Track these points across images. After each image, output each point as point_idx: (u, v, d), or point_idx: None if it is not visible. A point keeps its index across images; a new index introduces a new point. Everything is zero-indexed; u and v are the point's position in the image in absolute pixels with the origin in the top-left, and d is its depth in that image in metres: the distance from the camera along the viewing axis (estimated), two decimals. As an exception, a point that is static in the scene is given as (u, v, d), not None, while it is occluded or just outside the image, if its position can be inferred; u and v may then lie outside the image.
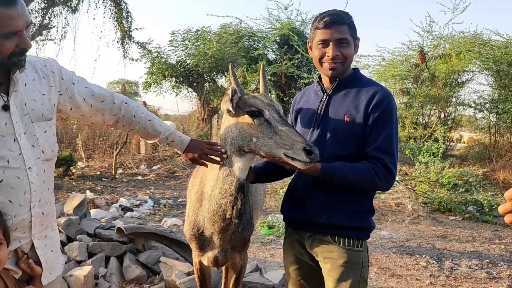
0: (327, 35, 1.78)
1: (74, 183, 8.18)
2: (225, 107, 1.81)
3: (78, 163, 9.82)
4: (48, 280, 1.56)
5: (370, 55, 16.76)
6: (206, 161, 1.89)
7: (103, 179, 8.98)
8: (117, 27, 9.68)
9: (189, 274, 3.56)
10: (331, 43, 1.78)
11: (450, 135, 13.88)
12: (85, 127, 11.93)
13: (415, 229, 5.88)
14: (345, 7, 12.91)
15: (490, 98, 12.93)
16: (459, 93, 13.45)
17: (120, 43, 9.92)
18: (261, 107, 1.73)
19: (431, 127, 12.42)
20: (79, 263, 3.69)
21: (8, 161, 1.39)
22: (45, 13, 9.45)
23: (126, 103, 1.79)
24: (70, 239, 3.91)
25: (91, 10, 9.74)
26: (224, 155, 1.82)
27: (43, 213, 1.51)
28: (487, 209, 6.48)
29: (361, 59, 13.30)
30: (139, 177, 9.39)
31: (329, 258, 1.80)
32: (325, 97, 1.88)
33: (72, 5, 9.50)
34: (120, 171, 9.74)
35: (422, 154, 7.54)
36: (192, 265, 3.26)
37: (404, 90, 13.35)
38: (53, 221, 1.61)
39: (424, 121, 13.52)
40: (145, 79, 12.83)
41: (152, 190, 8.22)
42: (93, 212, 5.46)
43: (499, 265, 4.46)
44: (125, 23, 9.69)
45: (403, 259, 4.61)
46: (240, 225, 1.97)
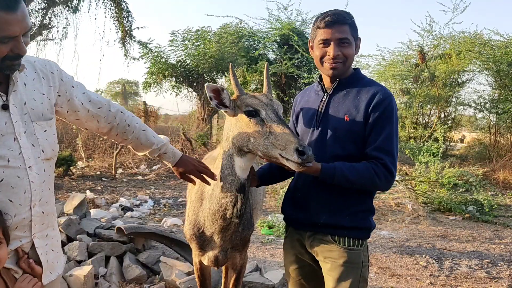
0: (328, 34, 1.78)
1: (74, 183, 8.18)
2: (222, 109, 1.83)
3: (78, 163, 9.82)
4: (48, 279, 1.55)
5: (370, 55, 16.74)
6: (195, 178, 1.90)
7: (103, 179, 8.98)
8: (117, 26, 9.69)
9: (189, 274, 3.57)
10: (332, 43, 1.78)
11: (450, 135, 13.88)
12: (85, 127, 11.94)
13: (415, 229, 5.88)
14: (346, 7, 12.93)
15: (490, 98, 12.94)
16: (459, 93, 13.46)
17: (121, 43, 9.93)
18: (258, 107, 1.72)
19: (431, 127, 12.41)
20: (79, 263, 3.69)
21: (8, 160, 1.39)
22: (45, 13, 9.45)
23: (121, 112, 1.80)
24: (70, 239, 3.91)
25: (92, 10, 9.74)
26: (215, 178, 1.86)
27: (43, 212, 1.51)
28: (487, 209, 6.48)
29: (361, 59, 13.34)
30: (139, 177, 9.39)
31: (329, 257, 1.80)
32: (325, 96, 1.88)
33: (72, 5, 9.50)
34: (120, 171, 9.74)
35: (422, 154, 7.54)
36: (192, 265, 3.26)
37: (404, 90, 13.35)
38: (53, 220, 1.60)
39: (424, 121, 13.52)
40: (145, 79, 12.84)
41: (152, 190, 8.22)
42: (93, 212, 5.46)
43: (499, 265, 4.46)
44: (126, 23, 9.70)
45: (403, 259, 4.61)
46: (240, 224, 1.98)
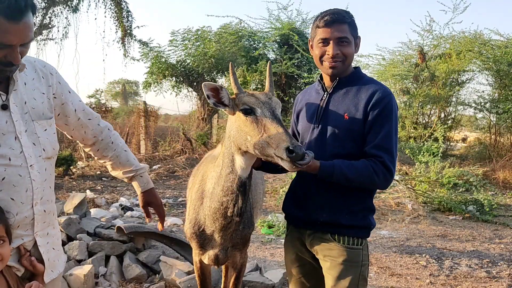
0: (328, 33, 1.78)
1: (74, 183, 8.18)
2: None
3: (78, 162, 9.82)
4: (50, 277, 1.56)
5: (370, 54, 16.74)
6: (148, 216, 1.97)
7: (103, 179, 8.98)
8: (117, 26, 9.69)
9: (189, 273, 3.57)
10: (331, 42, 1.78)
11: (450, 135, 13.88)
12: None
13: (415, 229, 5.88)
14: (346, 7, 12.93)
15: (490, 98, 12.93)
16: (459, 93, 13.46)
17: (120, 43, 9.93)
18: (254, 105, 1.72)
19: (431, 127, 12.41)
20: (79, 262, 3.70)
21: (9, 159, 1.40)
22: (46, 12, 9.45)
23: (108, 129, 1.85)
24: (70, 238, 3.91)
25: (92, 9, 9.75)
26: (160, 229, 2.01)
27: (45, 211, 1.52)
28: (487, 209, 6.48)
29: (361, 58, 13.31)
30: (139, 177, 9.38)
31: (329, 256, 1.80)
32: (325, 95, 1.88)
33: (72, 5, 9.50)
34: (120, 170, 9.73)
35: (422, 153, 7.53)
36: (192, 264, 3.26)
37: (404, 89, 13.34)
38: (54, 219, 1.61)
39: (424, 121, 13.51)
40: (145, 79, 12.83)
41: (152, 189, 8.21)
42: (93, 211, 5.46)
43: (499, 264, 4.46)
44: (126, 22, 9.70)
45: (403, 258, 4.61)
46: (241, 223, 1.98)
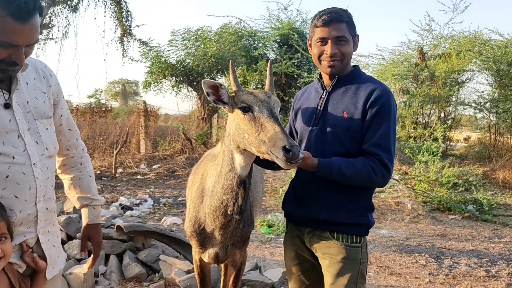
0: (326, 33, 1.79)
1: (74, 182, 8.18)
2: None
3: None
4: (51, 274, 1.58)
5: (370, 54, 16.71)
6: (83, 250, 1.85)
7: (103, 178, 8.99)
8: (117, 25, 9.69)
9: (189, 272, 3.57)
10: (329, 41, 1.79)
11: (450, 135, 13.88)
12: (85, 126, 11.94)
13: (415, 228, 5.88)
14: (346, 7, 12.91)
15: (490, 97, 12.94)
16: (459, 93, 13.46)
17: (119, 42, 9.93)
18: (252, 103, 1.72)
19: (431, 127, 12.41)
20: (79, 261, 3.70)
21: (13, 157, 1.41)
22: (46, 12, 9.44)
23: (83, 149, 1.80)
24: (70, 237, 3.92)
25: (91, 9, 9.75)
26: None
27: (47, 209, 1.54)
28: (486, 208, 6.49)
29: (361, 58, 13.31)
30: (139, 176, 9.39)
31: (328, 254, 1.81)
32: (324, 94, 1.89)
33: (72, 4, 9.50)
34: (120, 170, 9.74)
35: (421, 153, 7.54)
36: (191, 263, 3.26)
37: (404, 89, 13.33)
38: (54, 216, 1.63)
39: (424, 121, 13.52)
40: (145, 78, 12.83)
41: (152, 189, 8.22)
42: (93, 210, 5.46)
43: (498, 263, 4.46)
44: (125, 22, 9.70)
45: (402, 257, 4.62)
46: (241, 221, 1.99)
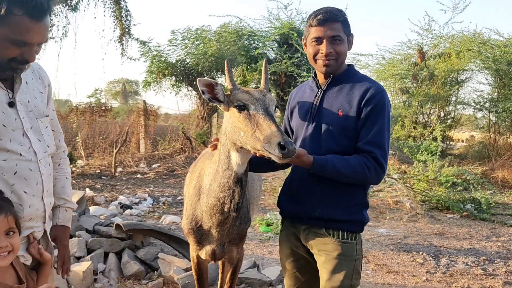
0: (321, 32, 1.82)
1: (73, 181, 8.20)
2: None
3: (78, 161, 9.85)
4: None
5: (370, 54, 16.71)
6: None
7: (103, 177, 9.01)
8: (116, 24, 9.69)
9: (187, 270, 3.59)
10: (324, 40, 1.82)
11: (450, 134, 13.88)
12: (85, 126, 11.97)
13: (413, 227, 5.90)
14: (346, 8, 12.95)
15: (489, 97, 12.95)
16: (459, 92, 13.48)
17: (118, 42, 9.93)
18: (247, 101, 1.75)
19: (431, 126, 12.42)
20: (78, 259, 3.72)
21: (20, 154, 1.47)
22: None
23: (63, 151, 1.78)
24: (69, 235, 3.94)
25: (91, 8, 9.77)
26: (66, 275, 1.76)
27: (50, 203, 1.61)
28: (484, 207, 6.50)
29: (361, 57, 13.30)
30: (139, 175, 9.41)
31: (324, 250, 1.83)
32: (319, 92, 1.91)
33: (72, 4, 9.51)
34: (119, 169, 9.77)
35: (420, 152, 7.56)
36: (190, 261, 3.29)
37: (403, 89, 13.34)
38: (51, 211, 1.70)
39: (424, 120, 13.53)
40: (145, 78, 12.83)
41: (151, 188, 8.24)
42: (92, 209, 5.49)
43: (495, 262, 4.48)
44: (124, 21, 9.70)
45: (400, 256, 4.64)
46: (237, 218, 2.01)
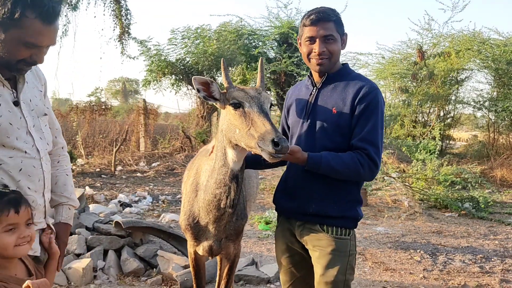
0: (314, 32, 1.85)
1: (74, 180, 8.17)
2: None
3: (78, 160, 9.89)
4: None
5: (370, 53, 16.73)
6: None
7: (103, 176, 9.04)
8: (116, 23, 9.71)
9: (186, 267, 3.62)
10: (317, 40, 1.85)
11: (449, 133, 13.91)
12: (85, 125, 12.00)
13: (411, 225, 5.93)
14: (345, 7, 12.96)
15: (489, 96, 12.97)
16: (458, 91, 13.50)
17: (118, 41, 9.96)
18: (242, 99, 1.78)
19: (430, 125, 12.45)
20: (78, 256, 3.76)
21: (25, 152, 1.52)
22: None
23: (62, 148, 1.78)
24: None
25: (91, 7, 9.78)
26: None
27: (48, 199, 1.65)
28: (482, 206, 6.53)
29: (361, 57, 13.32)
30: (138, 174, 9.45)
31: (318, 246, 1.86)
32: (314, 90, 1.95)
33: (72, 3, 9.53)
34: (119, 168, 9.80)
35: (419, 151, 7.59)
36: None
37: (403, 88, 13.36)
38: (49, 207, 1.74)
39: (423, 119, 13.55)
40: (145, 77, 12.86)
41: (151, 186, 8.27)
42: (92, 207, 5.52)
43: (492, 259, 4.51)
44: (124, 20, 9.72)
45: (397, 253, 4.67)
46: (234, 214, 2.04)
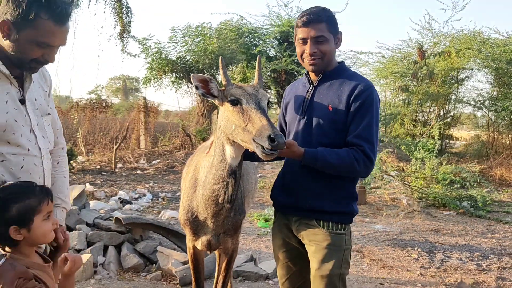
0: (305, 33, 1.90)
1: (74, 177, 8.27)
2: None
3: (78, 157, 9.92)
4: None
5: (370, 52, 16.76)
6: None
7: (103, 173, 9.08)
8: (117, 21, 9.73)
9: (185, 263, 3.66)
10: (308, 41, 1.89)
11: (449, 132, 13.93)
12: (86, 122, 12.04)
13: (409, 223, 5.97)
14: (345, 7, 12.98)
15: (489, 95, 12.99)
16: (458, 91, 13.52)
17: (119, 38, 9.98)
18: (240, 96, 1.82)
19: (430, 125, 12.47)
20: (78, 251, 3.79)
21: (28, 150, 1.55)
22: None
23: (62, 148, 1.81)
24: (69, 229, 4.00)
25: (92, 5, 9.79)
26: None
27: None
28: (480, 204, 6.57)
29: (361, 56, 13.33)
30: (139, 171, 9.48)
31: (314, 240, 1.90)
32: (311, 88, 1.99)
33: (73, 0, 9.55)
34: (119, 165, 9.84)
35: (417, 150, 7.62)
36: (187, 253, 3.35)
37: (403, 87, 13.38)
38: None
39: (423, 119, 13.57)
40: (145, 74, 12.88)
41: (151, 184, 8.31)
42: (92, 203, 5.56)
43: (489, 258, 4.54)
44: (125, 18, 9.74)
45: (395, 251, 4.70)
46: (232, 210, 2.08)
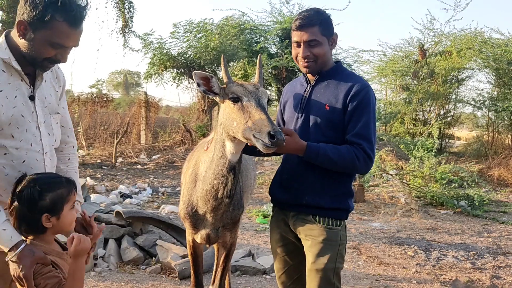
0: (298, 37, 1.95)
1: (75, 170, 8.32)
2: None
3: (79, 151, 9.98)
4: None
5: (372, 50, 16.76)
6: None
7: (103, 167, 9.14)
8: (119, 16, 9.75)
9: (184, 256, 3.72)
10: (302, 45, 1.94)
11: (449, 132, 13.97)
12: (87, 116, 12.08)
13: (407, 222, 6.02)
14: (347, 5, 12.97)
15: (489, 95, 13.01)
16: (459, 90, 13.55)
17: (120, 33, 10.01)
18: (241, 94, 1.87)
19: (430, 124, 12.50)
20: (79, 244, 3.85)
21: (31, 145, 1.60)
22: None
23: (73, 147, 1.86)
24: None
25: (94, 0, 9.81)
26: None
27: None
28: (477, 204, 6.62)
29: (362, 54, 13.35)
30: (139, 166, 9.54)
31: (310, 235, 1.96)
32: (308, 87, 2.04)
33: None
34: (120, 159, 9.89)
35: (416, 149, 7.66)
36: (187, 248, 3.41)
37: (403, 86, 13.41)
38: None
39: (423, 118, 13.60)
40: (146, 69, 12.90)
41: (151, 178, 8.37)
42: (93, 197, 5.62)
43: (484, 256, 4.60)
44: (127, 13, 9.76)
45: (392, 249, 4.76)
46: (231, 204, 2.13)
